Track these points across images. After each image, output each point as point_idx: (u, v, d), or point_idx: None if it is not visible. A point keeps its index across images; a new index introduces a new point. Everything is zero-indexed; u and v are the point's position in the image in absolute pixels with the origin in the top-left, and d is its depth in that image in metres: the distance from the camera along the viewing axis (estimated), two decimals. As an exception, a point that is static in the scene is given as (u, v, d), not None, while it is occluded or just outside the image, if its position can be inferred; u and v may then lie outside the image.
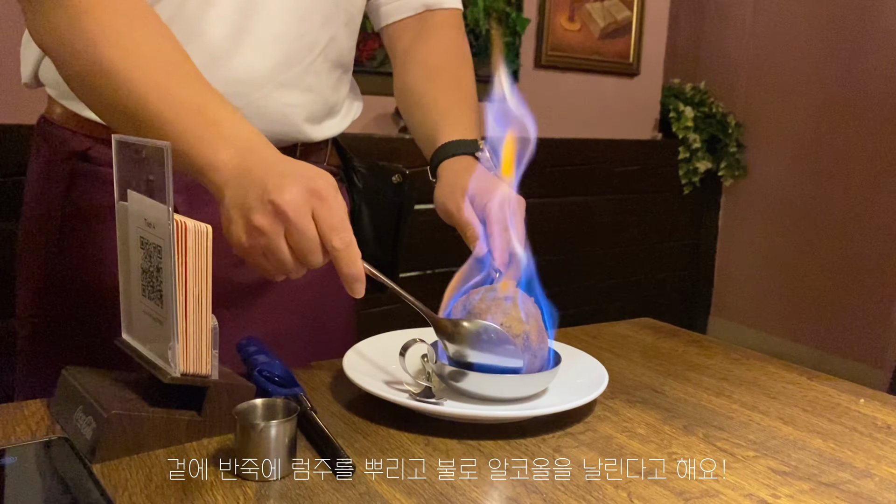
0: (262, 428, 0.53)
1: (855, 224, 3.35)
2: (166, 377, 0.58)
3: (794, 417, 0.71)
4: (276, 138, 0.85)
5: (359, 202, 0.98)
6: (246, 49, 0.80)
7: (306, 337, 0.91)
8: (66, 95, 0.80)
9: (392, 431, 0.63)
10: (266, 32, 0.81)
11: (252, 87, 0.81)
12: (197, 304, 0.58)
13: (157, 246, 0.58)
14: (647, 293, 3.62)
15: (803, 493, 0.56)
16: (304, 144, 0.90)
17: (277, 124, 0.84)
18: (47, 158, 0.85)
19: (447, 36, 0.95)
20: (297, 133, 0.87)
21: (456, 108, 0.89)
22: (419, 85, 0.92)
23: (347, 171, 0.98)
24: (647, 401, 0.73)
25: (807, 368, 0.86)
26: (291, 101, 0.84)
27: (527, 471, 0.57)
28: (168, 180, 0.56)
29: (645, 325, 1.01)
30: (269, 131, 0.84)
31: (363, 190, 0.98)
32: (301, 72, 0.84)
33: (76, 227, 0.82)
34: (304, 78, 0.85)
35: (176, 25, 0.76)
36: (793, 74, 3.59)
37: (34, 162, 0.88)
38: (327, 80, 0.89)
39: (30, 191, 0.88)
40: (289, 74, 0.83)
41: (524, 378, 0.67)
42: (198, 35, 0.78)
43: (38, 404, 0.65)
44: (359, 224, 0.99)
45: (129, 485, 0.52)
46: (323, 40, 0.86)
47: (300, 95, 0.85)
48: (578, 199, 3.22)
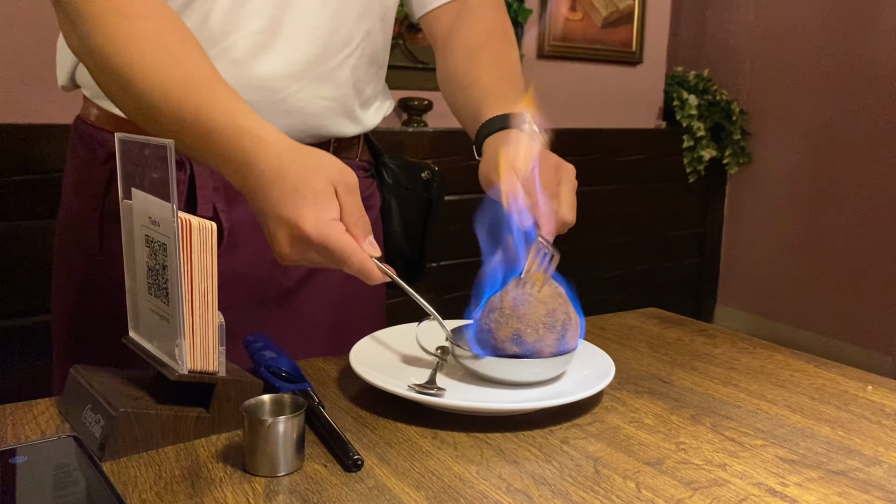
0: (270, 424, 0.53)
1: (861, 210, 3.34)
2: (174, 375, 0.58)
3: (801, 405, 0.71)
4: (311, 132, 0.86)
5: (388, 198, 0.99)
6: (282, 43, 0.80)
7: (337, 331, 0.91)
8: (101, 95, 0.81)
9: (399, 425, 0.63)
10: (301, 27, 0.81)
11: (289, 80, 0.82)
12: (203, 301, 0.59)
13: (161, 244, 0.59)
14: (653, 283, 3.61)
15: (812, 482, 0.56)
16: (338, 140, 0.90)
17: (312, 118, 0.85)
18: (85, 160, 0.86)
19: (487, 14, 0.94)
20: (332, 128, 0.87)
21: (499, 85, 0.87)
22: (461, 67, 0.91)
23: (378, 167, 0.99)
24: (654, 391, 0.73)
25: (814, 356, 0.85)
26: (327, 94, 0.85)
27: (535, 463, 0.57)
28: (172, 178, 0.56)
29: (651, 315, 1.01)
30: (304, 125, 0.85)
31: (393, 186, 0.99)
32: (337, 66, 0.85)
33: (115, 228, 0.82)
34: (339, 72, 0.85)
35: (212, 20, 0.77)
36: (797, 60, 3.57)
37: (72, 162, 0.88)
38: (364, 74, 0.89)
39: (68, 192, 0.89)
40: (324, 68, 0.84)
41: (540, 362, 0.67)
42: (234, 31, 0.78)
43: (47, 403, 0.65)
44: (388, 219, 0.99)
45: (138, 482, 0.53)
46: (359, 35, 0.86)
47: (336, 90, 0.86)
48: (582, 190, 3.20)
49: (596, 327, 0.94)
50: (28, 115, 2.00)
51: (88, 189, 0.84)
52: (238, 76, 0.79)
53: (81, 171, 0.86)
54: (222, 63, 0.78)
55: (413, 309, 0.69)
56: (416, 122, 2.77)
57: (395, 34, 2.76)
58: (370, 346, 0.75)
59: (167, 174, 0.56)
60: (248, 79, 0.79)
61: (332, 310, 0.92)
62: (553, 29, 3.14)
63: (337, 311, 0.92)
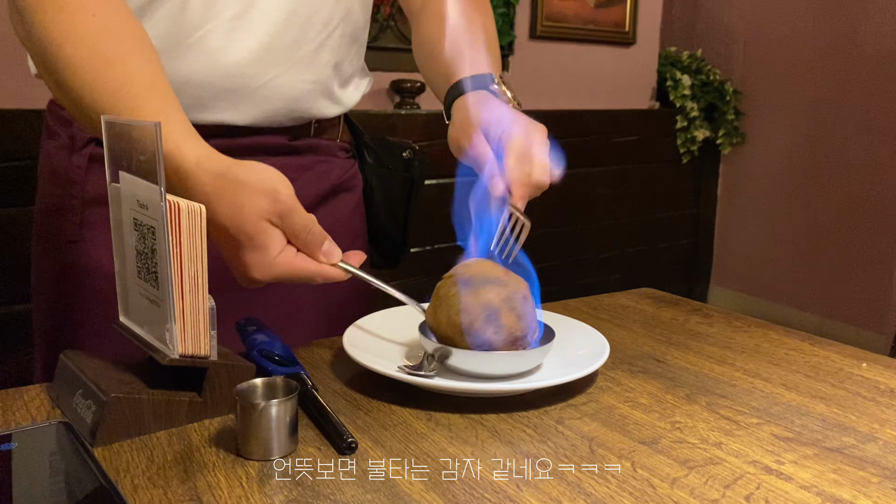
0: (262, 407, 0.53)
1: (855, 189, 3.34)
2: (165, 359, 0.58)
3: (797, 383, 0.71)
4: (292, 116, 0.85)
5: (370, 178, 0.98)
6: (260, 28, 0.79)
7: (324, 316, 0.91)
8: None
9: (394, 407, 0.63)
10: (278, 10, 0.79)
11: (267, 66, 0.80)
12: (193, 285, 0.58)
13: (150, 227, 0.58)
14: (648, 264, 3.62)
15: (807, 459, 0.56)
16: (319, 121, 0.90)
17: (294, 102, 0.84)
18: (62, 145, 0.84)
19: None
20: (313, 110, 0.87)
21: (470, 48, 0.85)
22: (434, 35, 0.89)
23: (358, 147, 0.98)
24: (648, 370, 0.73)
25: (809, 334, 0.85)
26: (308, 77, 0.84)
27: (530, 443, 0.57)
28: (159, 159, 0.55)
29: (645, 295, 1.01)
30: (286, 109, 0.84)
31: (374, 166, 0.98)
32: (317, 48, 0.84)
33: (97, 213, 0.81)
34: (320, 54, 0.84)
35: (188, 10, 0.76)
36: (790, 39, 3.56)
37: (47, 148, 0.86)
38: (345, 54, 0.88)
39: (44, 178, 0.86)
40: (304, 51, 0.83)
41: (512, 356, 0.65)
42: (210, 19, 0.77)
43: (37, 389, 0.65)
44: (370, 200, 0.99)
45: (130, 467, 0.52)
46: (338, 15, 0.85)
47: (317, 72, 0.85)
48: (576, 172, 3.21)
49: (590, 308, 0.94)
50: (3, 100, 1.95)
51: (67, 175, 0.83)
52: (215, 65, 0.78)
53: (59, 157, 0.84)
54: (198, 52, 0.77)
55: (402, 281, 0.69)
56: (409, 105, 2.76)
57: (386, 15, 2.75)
58: (363, 329, 0.75)
59: (154, 156, 0.55)
60: (226, 66, 0.78)
61: (318, 295, 0.91)
62: (545, 9, 3.12)
63: (324, 296, 0.92)
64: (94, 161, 0.81)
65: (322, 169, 0.91)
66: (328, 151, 0.92)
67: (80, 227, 0.82)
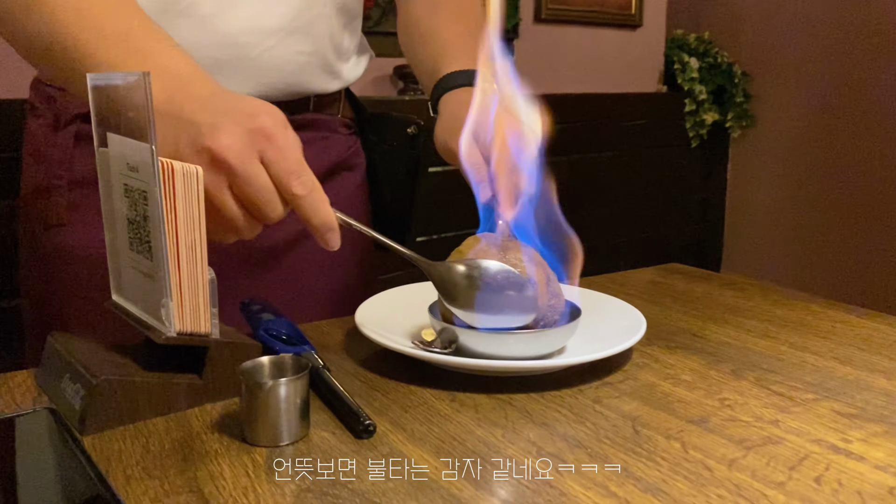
0: (270, 387, 0.47)
1: (867, 171, 3.27)
2: (160, 337, 0.52)
3: (850, 357, 0.65)
4: (289, 91, 0.81)
5: (373, 156, 0.92)
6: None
7: (329, 296, 0.86)
8: None
9: (413, 388, 0.57)
10: None
11: (262, 36, 0.76)
12: (191, 255, 0.52)
13: (141, 192, 0.52)
14: (657, 249, 3.55)
15: (877, 436, 0.50)
16: (318, 96, 0.85)
17: (291, 75, 0.80)
18: (47, 123, 0.79)
19: None
20: (311, 84, 0.82)
21: (460, 39, 0.82)
22: (422, 18, 0.86)
23: (361, 124, 0.92)
24: (687, 346, 0.67)
25: (853, 306, 0.80)
26: (304, 49, 0.79)
27: (566, 424, 0.51)
28: (150, 115, 0.49)
29: (674, 271, 0.95)
30: (283, 83, 0.80)
31: (377, 143, 0.92)
32: (312, 19, 0.79)
33: (85, 194, 0.76)
34: (316, 25, 0.80)
35: None
36: (799, 19, 3.49)
37: (32, 128, 0.81)
38: (340, 27, 0.84)
39: (29, 161, 0.81)
40: (300, 21, 0.78)
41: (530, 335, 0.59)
42: None
43: (24, 375, 0.59)
44: (374, 178, 0.93)
45: (123, 456, 0.47)
46: None
47: (313, 44, 0.80)
48: (584, 156, 3.15)
49: (616, 284, 0.88)
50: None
51: (53, 155, 0.78)
52: (206, 33, 0.73)
53: (45, 136, 0.79)
54: (189, 20, 0.73)
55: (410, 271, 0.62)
56: (413, 91, 2.70)
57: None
58: (376, 307, 0.69)
59: (144, 111, 0.49)
60: (218, 35, 0.74)
61: (323, 275, 0.86)
62: (550, -9, 3.05)
63: (329, 276, 0.86)
64: (80, 139, 0.77)
65: (322, 146, 0.86)
66: (328, 127, 0.87)
67: (67, 210, 0.77)
